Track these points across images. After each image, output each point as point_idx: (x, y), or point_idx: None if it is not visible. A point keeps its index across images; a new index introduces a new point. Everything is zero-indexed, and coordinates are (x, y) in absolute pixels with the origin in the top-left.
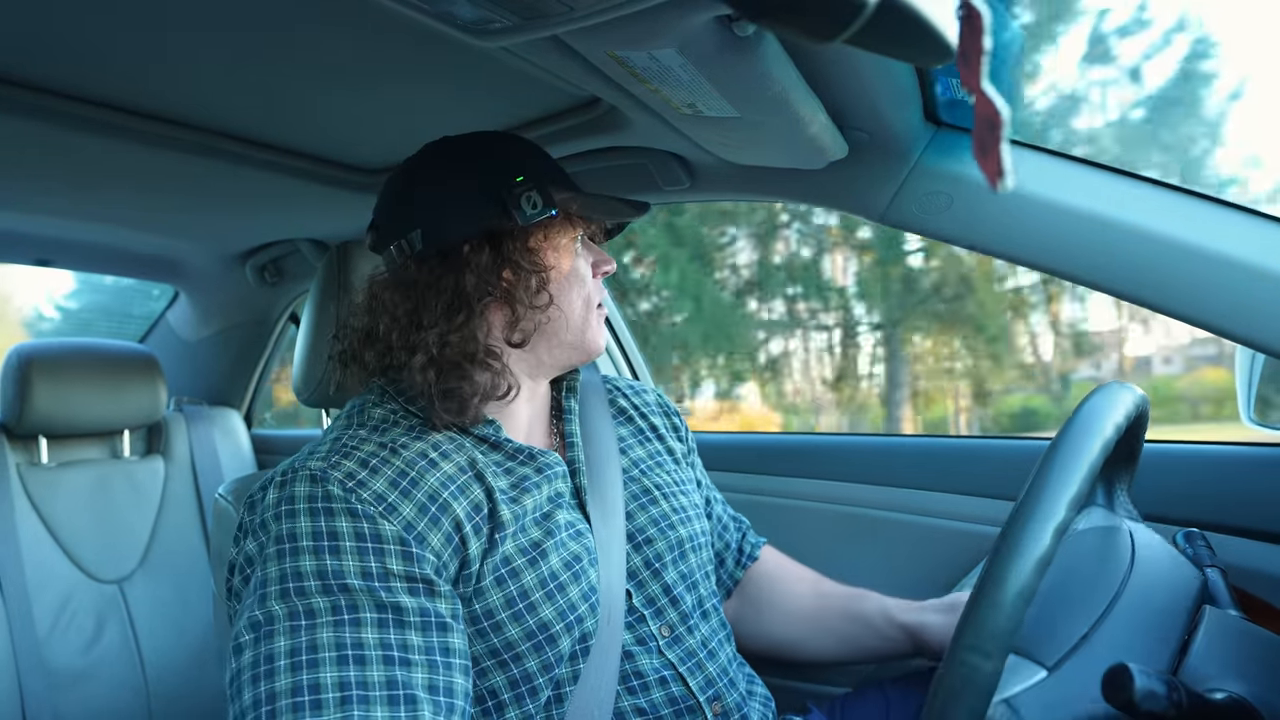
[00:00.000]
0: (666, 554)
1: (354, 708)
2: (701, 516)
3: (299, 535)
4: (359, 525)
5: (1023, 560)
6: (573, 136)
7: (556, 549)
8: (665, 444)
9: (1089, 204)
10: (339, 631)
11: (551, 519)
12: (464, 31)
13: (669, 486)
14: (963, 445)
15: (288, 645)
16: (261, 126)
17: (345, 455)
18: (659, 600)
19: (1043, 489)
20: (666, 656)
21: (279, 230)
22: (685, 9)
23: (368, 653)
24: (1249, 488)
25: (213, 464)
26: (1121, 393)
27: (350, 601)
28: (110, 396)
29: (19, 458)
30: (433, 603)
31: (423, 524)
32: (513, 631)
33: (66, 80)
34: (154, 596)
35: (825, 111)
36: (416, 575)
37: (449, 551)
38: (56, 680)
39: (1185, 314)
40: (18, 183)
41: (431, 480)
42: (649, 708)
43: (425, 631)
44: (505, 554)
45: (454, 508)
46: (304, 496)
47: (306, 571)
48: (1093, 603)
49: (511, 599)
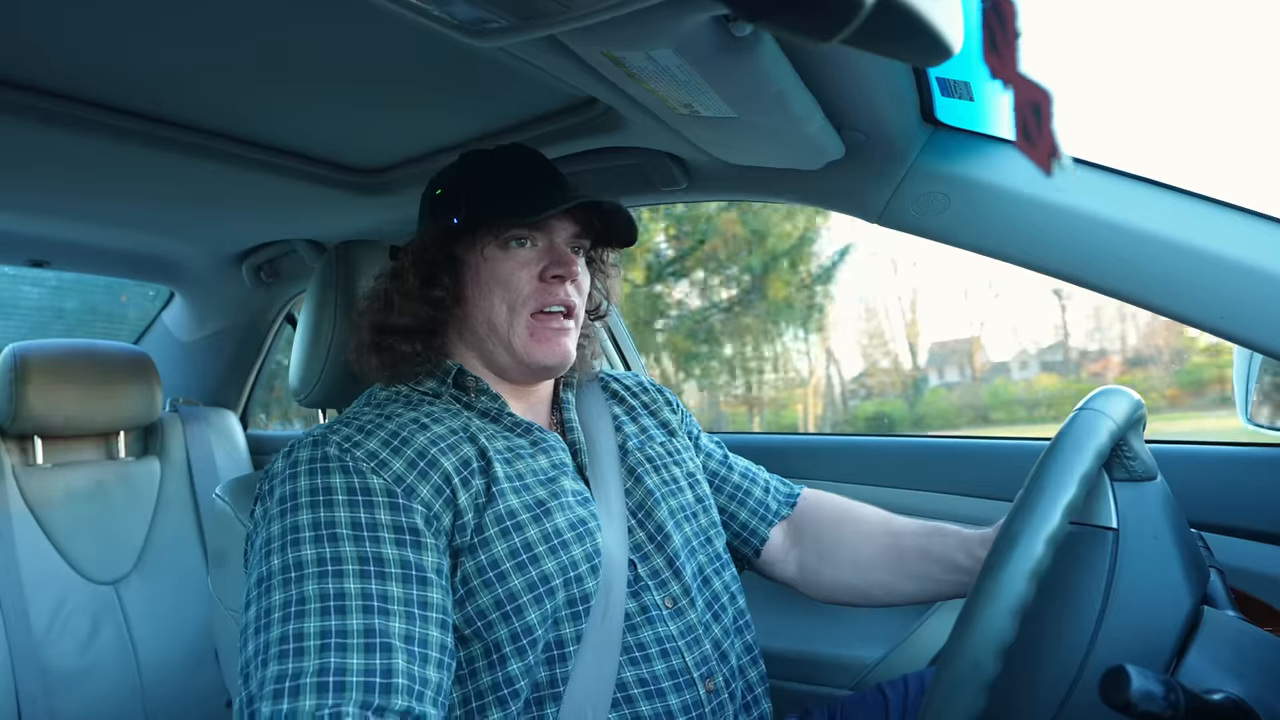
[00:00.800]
0: (667, 521)
1: (331, 654)
2: (699, 484)
3: (299, 494)
4: (350, 480)
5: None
6: (569, 137)
7: (562, 510)
8: (658, 417)
9: (1087, 205)
10: (323, 583)
11: (556, 483)
12: (461, 32)
13: (662, 458)
14: (959, 446)
15: (281, 598)
16: (258, 127)
17: (345, 423)
18: (663, 573)
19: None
20: (669, 627)
21: (275, 231)
22: (682, 9)
23: (349, 603)
24: (1247, 488)
25: (209, 465)
26: (1117, 397)
27: (336, 552)
28: (106, 397)
29: (14, 458)
30: (417, 554)
31: (412, 477)
32: (516, 581)
33: (62, 81)
34: (150, 598)
35: (822, 112)
36: (404, 525)
37: (440, 502)
38: (53, 681)
39: (1182, 314)
40: (13, 183)
41: (421, 439)
42: (650, 679)
43: (405, 584)
44: (510, 507)
45: (442, 462)
46: (305, 459)
47: (303, 524)
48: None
49: (515, 550)
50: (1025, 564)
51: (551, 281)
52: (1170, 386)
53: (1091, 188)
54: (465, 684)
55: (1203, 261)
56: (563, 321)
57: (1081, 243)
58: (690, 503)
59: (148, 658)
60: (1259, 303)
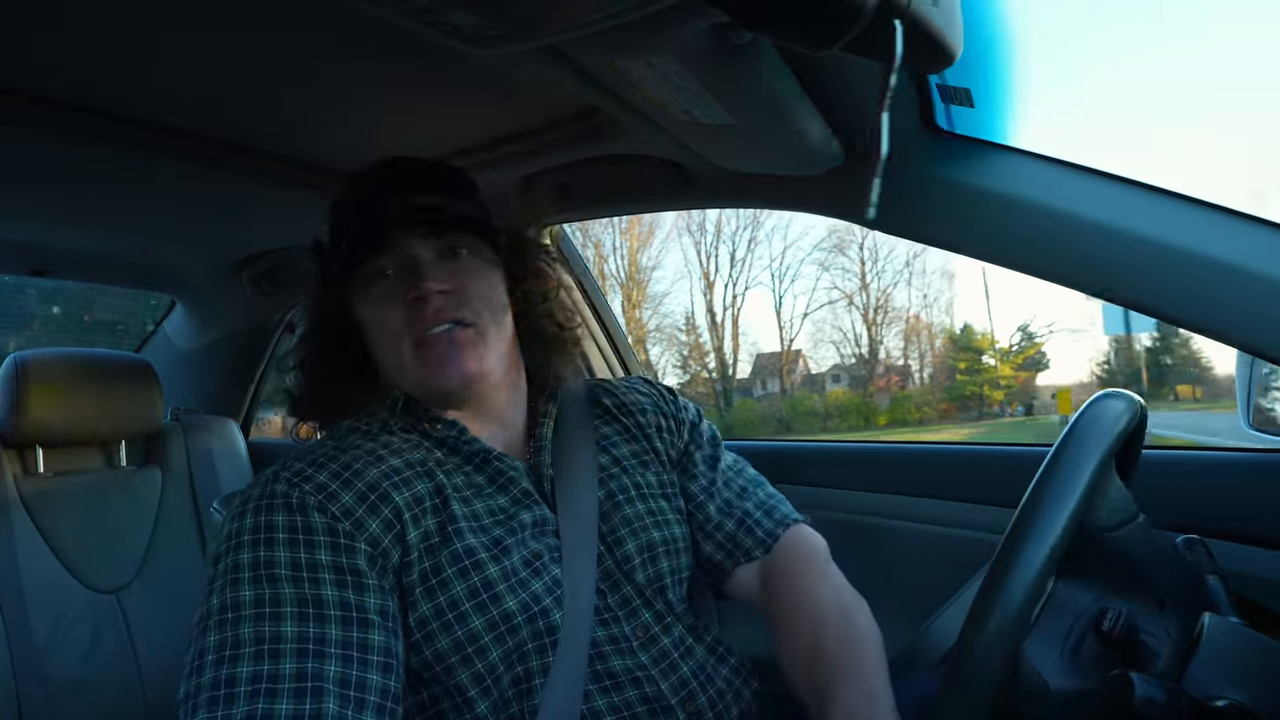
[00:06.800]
0: (635, 556)
1: (261, 701)
2: (683, 521)
3: (243, 531)
4: (293, 518)
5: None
6: (569, 144)
7: (518, 546)
8: (651, 444)
9: (1087, 210)
10: (259, 626)
11: (515, 518)
12: (461, 41)
13: (648, 487)
14: (960, 452)
15: (216, 640)
16: (258, 135)
17: (299, 457)
18: (633, 601)
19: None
20: (639, 658)
21: (275, 239)
22: (682, 17)
23: (284, 646)
24: (1249, 494)
25: (210, 473)
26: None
27: (275, 594)
28: (107, 406)
29: (16, 467)
30: (359, 595)
31: (361, 510)
32: (476, 622)
33: (63, 90)
34: (151, 606)
35: (821, 118)
36: (344, 565)
37: (389, 538)
38: (54, 690)
39: (1182, 318)
40: (14, 192)
41: (373, 472)
42: (623, 705)
43: (345, 626)
44: (468, 546)
45: (394, 496)
46: (255, 496)
47: (244, 563)
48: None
49: (475, 589)
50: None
51: (414, 304)
52: (943, 401)
53: (1091, 193)
54: None
55: (1203, 266)
56: (454, 337)
57: (1081, 248)
58: (672, 538)
59: (149, 666)
60: (1260, 307)
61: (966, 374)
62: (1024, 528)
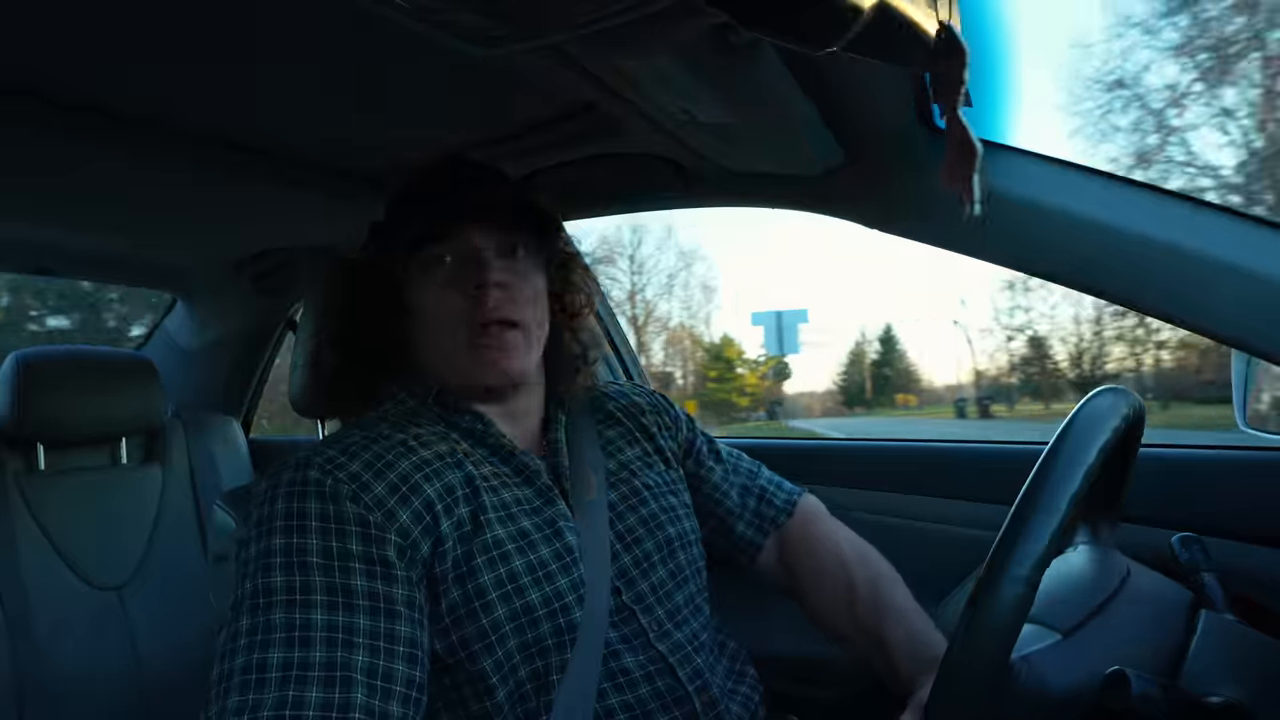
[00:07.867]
0: (655, 553)
1: (291, 687)
2: (691, 515)
3: (275, 517)
4: (325, 507)
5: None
6: (569, 143)
7: (546, 540)
8: (655, 444)
9: (1087, 210)
10: (290, 613)
11: (540, 513)
12: (463, 40)
13: (658, 486)
14: (959, 449)
15: (248, 624)
16: (260, 135)
17: (330, 445)
18: (647, 598)
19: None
20: (656, 649)
21: (277, 238)
22: (682, 17)
23: (313, 634)
24: (1245, 492)
25: (211, 471)
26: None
27: (305, 581)
28: (108, 403)
29: (17, 464)
30: (387, 587)
31: (392, 501)
32: (500, 611)
33: (66, 89)
34: (152, 603)
35: (821, 118)
36: (375, 556)
37: (419, 529)
38: (56, 687)
39: (1181, 318)
40: (16, 191)
41: (405, 464)
42: (636, 703)
43: (373, 616)
44: (496, 537)
45: (425, 489)
46: (286, 482)
47: (276, 549)
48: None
49: (501, 580)
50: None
51: (475, 293)
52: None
53: (1092, 193)
54: (455, 710)
55: (1201, 265)
56: (505, 337)
57: (1082, 248)
58: (685, 532)
59: (150, 662)
60: (1257, 307)
61: (716, 381)
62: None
